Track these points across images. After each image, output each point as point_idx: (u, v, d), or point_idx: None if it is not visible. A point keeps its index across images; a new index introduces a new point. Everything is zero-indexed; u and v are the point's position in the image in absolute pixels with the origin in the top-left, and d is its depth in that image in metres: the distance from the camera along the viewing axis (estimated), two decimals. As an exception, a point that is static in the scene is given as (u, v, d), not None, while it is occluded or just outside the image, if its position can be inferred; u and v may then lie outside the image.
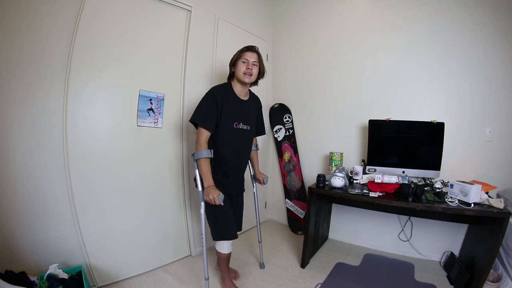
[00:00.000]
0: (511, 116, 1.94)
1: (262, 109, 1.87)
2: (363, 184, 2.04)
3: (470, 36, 2.00)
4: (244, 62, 1.55)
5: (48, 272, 1.42)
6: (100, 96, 1.69)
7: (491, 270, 1.60)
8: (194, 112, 1.53)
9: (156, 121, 1.94)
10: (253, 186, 2.00)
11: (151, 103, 1.90)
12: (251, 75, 1.55)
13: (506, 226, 1.47)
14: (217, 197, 1.42)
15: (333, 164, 2.29)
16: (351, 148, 2.47)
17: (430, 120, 2.00)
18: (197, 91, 2.18)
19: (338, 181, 1.92)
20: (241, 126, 1.59)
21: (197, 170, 1.53)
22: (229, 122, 1.54)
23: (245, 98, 1.65)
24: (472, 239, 1.92)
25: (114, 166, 1.76)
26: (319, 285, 1.84)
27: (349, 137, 2.49)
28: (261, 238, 2.06)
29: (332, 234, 2.64)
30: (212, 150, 1.53)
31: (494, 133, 1.98)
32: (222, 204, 1.45)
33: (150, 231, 1.98)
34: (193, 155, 1.53)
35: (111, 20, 1.69)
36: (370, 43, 2.37)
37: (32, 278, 1.36)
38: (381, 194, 1.78)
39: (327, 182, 2.01)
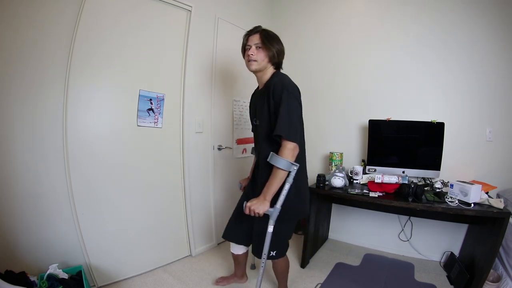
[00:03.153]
0: (511, 116, 1.94)
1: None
2: (363, 184, 2.04)
3: (470, 36, 2.00)
4: (247, 49, 1.36)
5: (48, 272, 1.42)
6: (100, 96, 1.69)
7: (491, 270, 1.60)
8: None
9: (156, 121, 1.94)
10: None
11: (151, 103, 1.90)
12: (256, 60, 1.33)
13: (506, 226, 1.47)
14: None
15: (333, 164, 2.29)
16: (351, 148, 2.47)
17: (430, 120, 2.00)
18: (197, 91, 2.19)
19: (338, 181, 1.92)
20: (254, 121, 1.43)
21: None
22: (251, 118, 1.44)
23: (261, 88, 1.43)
24: (472, 239, 1.93)
25: (114, 166, 1.76)
26: (319, 285, 1.84)
27: (349, 137, 2.49)
28: None
29: (332, 234, 2.64)
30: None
31: (494, 133, 1.98)
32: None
33: (150, 231, 1.98)
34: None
35: (111, 20, 1.69)
36: (370, 43, 2.37)
37: (32, 278, 1.36)
38: (381, 194, 1.78)
39: (327, 182, 2.01)
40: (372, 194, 1.78)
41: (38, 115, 1.48)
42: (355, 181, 2.11)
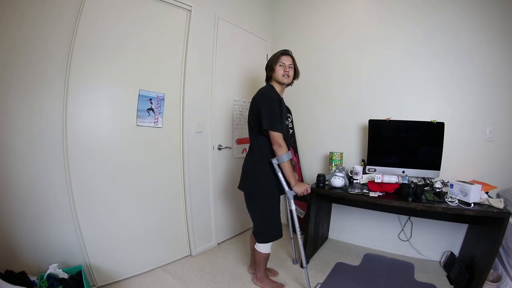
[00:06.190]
0: (511, 116, 1.94)
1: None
2: (363, 184, 2.04)
3: (470, 36, 2.00)
4: (281, 66, 1.67)
5: (48, 272, 1.42)
6: (100, 95, 1.69)
7: (491, 270, 1.60)
8: (270, 120, 1.54)
9: (156, 121, 1.94)
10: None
11: (151, 103, 1.90)
12: (289, 76, 1.68)
13: (506, 226, 1.47)
14: (309, 186, 1.64)
15: (333, 164, 2.29)
16: (351, 148, 2.47)
17: (430, 120, 2.00)
18: (197, 91, 2.19)
19: (338, 181, 1.92)
20: (286, 122, 1.74)
21: (280, 173, 1.60)
22: (284, 119, 1.67)
23: (282, 96, 1.79)
24: (472, 239, 1.92)
25: (114, 166, 1.76)
26: (319, 285, 1.84)
27: (349, 137, 2.49)
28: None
29: (332, 234, 2.64)
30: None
31: (494, 133, 1.97)
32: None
33: (150, 231, 1.98)
34: (273, 159, 1.58)
35: (111, 20, 1.69)
36: (371, 43, 2.37)
37: (32, 278, 1.36)
38: (381, 194, 1.78)
39: (327, 182, 2.01)
40: (372, 194, 1.78)
41: (38, 115, 1.48)
42: (355, 181, 2.11)
